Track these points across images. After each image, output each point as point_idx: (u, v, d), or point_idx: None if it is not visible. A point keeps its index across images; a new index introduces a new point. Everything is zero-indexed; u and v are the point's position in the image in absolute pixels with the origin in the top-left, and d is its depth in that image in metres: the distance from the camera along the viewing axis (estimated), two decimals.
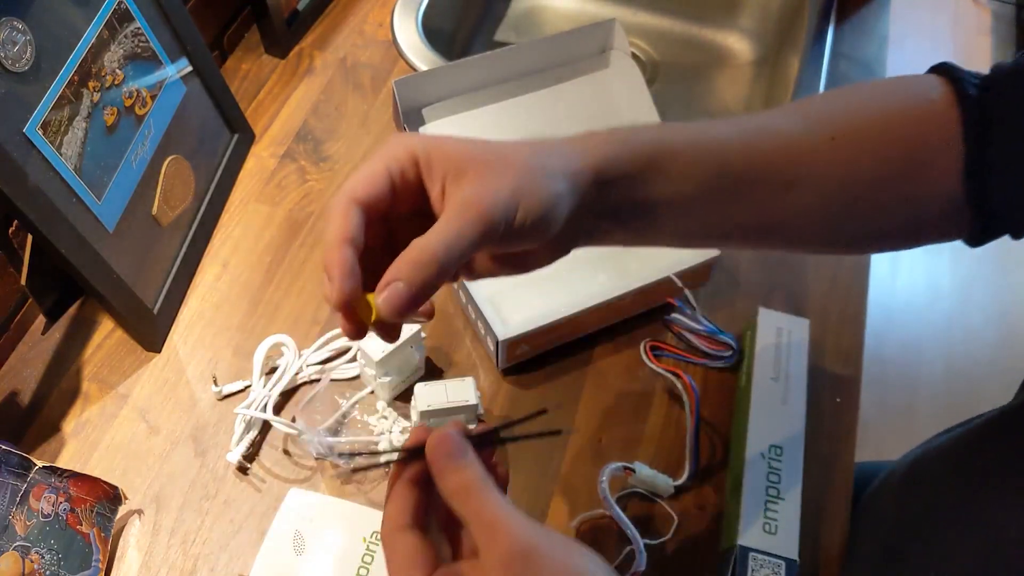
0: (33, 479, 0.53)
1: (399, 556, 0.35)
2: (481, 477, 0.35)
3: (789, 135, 0.43)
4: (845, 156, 0.43)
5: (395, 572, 0.35)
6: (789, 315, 0.67)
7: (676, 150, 0.41)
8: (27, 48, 0.56)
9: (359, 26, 0.94)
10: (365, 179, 0.37)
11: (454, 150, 0.37)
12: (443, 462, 0.35)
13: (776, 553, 0.55)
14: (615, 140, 0.41)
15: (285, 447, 0.64)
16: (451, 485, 0.35)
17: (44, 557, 0.53)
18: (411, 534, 0.35)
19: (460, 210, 0.36)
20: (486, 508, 0.33)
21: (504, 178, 0.36)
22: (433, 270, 0.35)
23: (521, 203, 0.36)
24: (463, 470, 0.35)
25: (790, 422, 0.61)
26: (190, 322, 0.71)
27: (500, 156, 0.37)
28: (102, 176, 0.63)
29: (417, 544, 0.35)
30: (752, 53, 1.11)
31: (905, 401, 1.70)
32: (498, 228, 0.36)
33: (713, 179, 0.42)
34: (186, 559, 0.59)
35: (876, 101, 0.45)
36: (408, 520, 0.36)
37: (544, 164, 0.38)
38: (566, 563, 0.32)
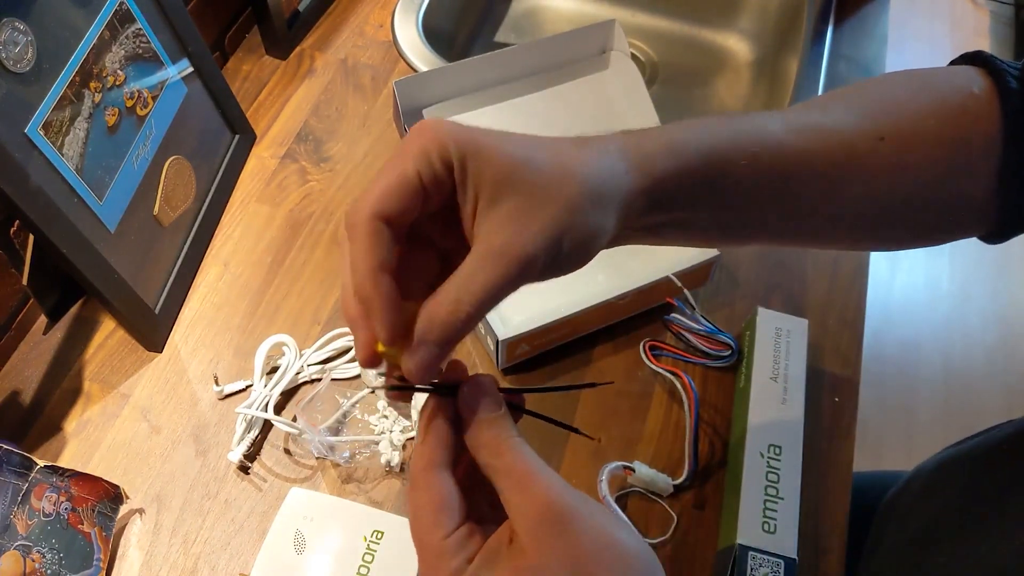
0: (35, 478, 0.53)
1: (430, 497, 0.32)
2: (514, 431, 0.32)
3: (842, 135, 0.40)
4: (894, 158, 0.41)
5: (423, 515, 0.32)
6: (788, 315, 0.67)
7: (731, 163, 0.38)
8: (28, 49, 0.56)
9: (360, 27, 0.94)
10: (392, 188, 0.32)
11: (494, 160, 0.32)
12: (477, 409, 0.32)
13: (775, 552, 0.55)
14: (669, 152, 0.36)
15: (286, 446, 0.64)
16: (484, 436, 0.32)
17: (45, 556, 0.53)
18: (445, 475, 0.32)
19: (496, 256, 0.32)
20: (520, 462, 0.31)
21: (548, 212, 0.32)
22: (465, 327, 0.32)
23: (564, 240, 0.33)
24: (497, 421, 0.32)
25: (789, 422, 0.61)
26: (191, 322, 0.71)
27: (545, 181, 0.33)
28: (103, 176, 0.64)
29: (450, 488, 0.32)
30: (751, 54, 1.11)
31: (904, 401, 1.70)
32: (535, 271, 0.33)
33: (765, 186, 0.39)
34: (187, 558, 0.59)
35: (922, 97, 0.42)
36: (443, 458, 0.33)
37: (596, 191, 0.34)
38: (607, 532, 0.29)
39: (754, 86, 1.08)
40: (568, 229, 0.33)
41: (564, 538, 0.29)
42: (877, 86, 0.43)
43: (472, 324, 0.32)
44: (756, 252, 0.77)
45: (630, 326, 0.70)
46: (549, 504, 0.29)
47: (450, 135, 0.32)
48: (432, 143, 0.32)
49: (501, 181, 0.32)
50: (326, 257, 0.75)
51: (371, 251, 0.31)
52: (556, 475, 0.31)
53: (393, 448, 0.62)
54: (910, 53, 2.25)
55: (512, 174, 0.32)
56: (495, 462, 0.31)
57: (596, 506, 0.30)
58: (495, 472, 0.32)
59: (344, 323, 0.69)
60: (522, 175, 0.32)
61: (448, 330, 0.31)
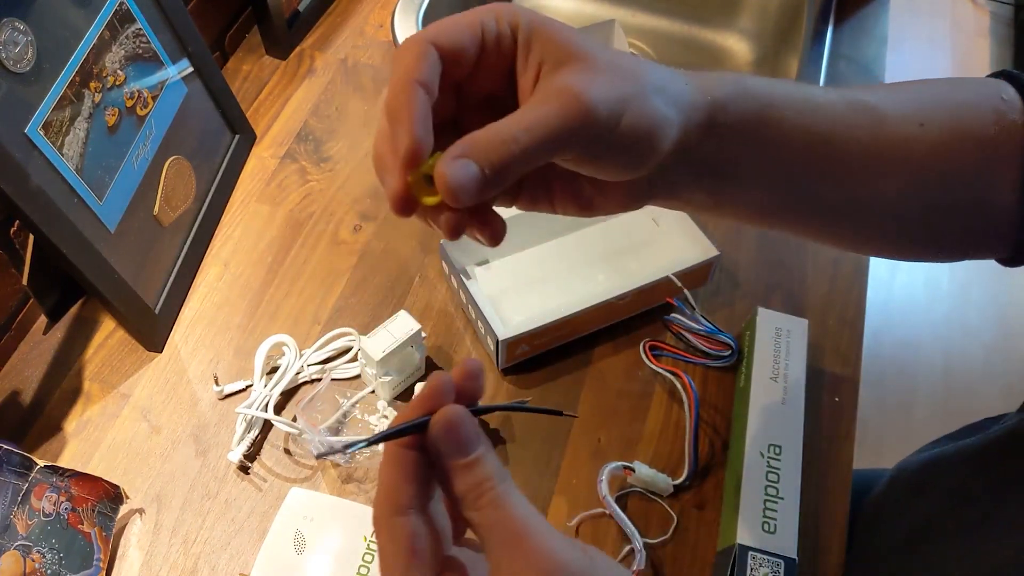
0: (35, 478, 0.53)
1: (395, 549, 0.28)
2: (499, 475, 0.28)
3: (885, 114, 0.40)
4: (932, 146, 0.40)
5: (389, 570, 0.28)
6: (788, 315, 0.67)
7: (783, 113, 0.37)
8: (28, 49, 0.56)
9: (360, 27, 0.94)
10: (452, 25, 0.31)
11: (561, 35, 0.31)
12: (453, 454, 0.28)
13: (775, 552, 0.55)
14: (731, 84, 0.36)
15: (286, 446, 0.64)
16: (461, 486, 0.28)
17: (45, 556, 0.53)
18: (411, 519, 0.28)
19: (556, 93, 0.30)
20: (507, 518, 0.27)
21: (614, 77, 0.31)
22: (513, 152, 0.28)
23: (628, 110, 0.31)
24: (476, 467, 0.28)
25: (789, 421, 0.61)
26: (191, 322, 0.71)
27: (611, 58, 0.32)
28: (103, 176, 0.64)
29: (419, 533, 0.28)
30: (751, 54, 1.11)
31: (903, 400, 1.70)
32: (596, 126, 0.30)
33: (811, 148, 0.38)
34: (187, 558, 0.59)
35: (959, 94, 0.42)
36: (408, 499, 0.29)
37: (660, 84, 0.33)
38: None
39: None
40: (633, 97, 0.31)
41: None
42: (916, 82, 0.43)
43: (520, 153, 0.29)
44: (756, 252, 0.77)
45: (630, 326, 0.70)
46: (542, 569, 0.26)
47: (522, 9, 0.32)
48: (501, 7, 0.32)
49: (570, 50, 0.31)
50: (326, 257, 0.75)
51: (414, 67, 0.30)
52: (549, 528, 0.27)
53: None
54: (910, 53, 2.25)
55: (580, 47, 0.31)
56: (477, 514, 0.28)
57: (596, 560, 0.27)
58: (479, 528, 0.28)
59: (344, 323, 0.69)
60: (590, 49, 0.31)
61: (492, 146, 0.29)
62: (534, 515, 0.27)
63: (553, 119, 0.29)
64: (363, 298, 0.72)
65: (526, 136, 0.29)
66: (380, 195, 0.79)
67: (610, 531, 0.60)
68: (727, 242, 0.76)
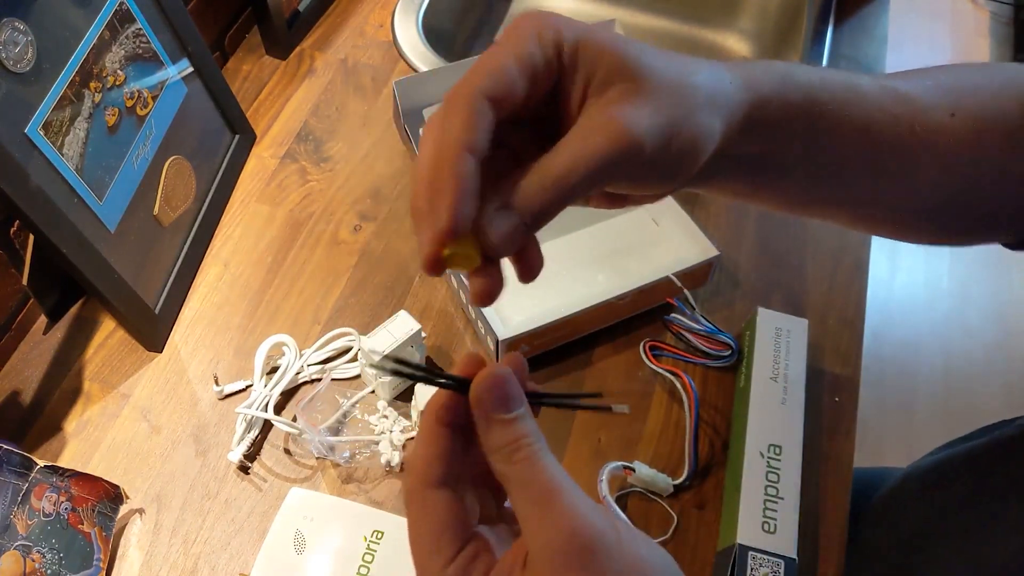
0: (35, 478, 0.53)
1: (428, 520, 0.28)
2: (535, 435, 0.28)
3: (920, 105, 0.39)
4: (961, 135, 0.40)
5: (421, 539, 0.29)
6: (788, 315, 0.67)
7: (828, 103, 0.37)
8: (28, 49, 0.56)
9: (360, 27, 0.94)
10: (500, 69, 0.28)
11: (608, 48, 0.30)
12: (491, 409, 0.28)
13: (775, 552, 0.55)
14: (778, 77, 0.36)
15: (286, 446, 0.64)
16: (498, 440, 0.28)
17: (45, 556, 0.53)
18: (443, 493, 0.29)
19: (603, 127, 0.29)
20: (542, 476, 0.27)
21: (661, 100, 0.30)
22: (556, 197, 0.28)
23: (675, 135, 0.30)
24: (515, 423, 0.28)
25: (789, 421, 0.61)
26: (191, 322, 0.71)
27: (660, 74, 0.31)
28: (103, 176, 0.64)
29: (449, 507, 0.28)
30: (751, 54, 1.11)
31: (903, 400, 1.70)
32: (643, 158, 0.29)
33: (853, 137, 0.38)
34: (187, 558, 0.59)
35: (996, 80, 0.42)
36: (441, 474, 0.29)
37: (709, 95, 0.32)
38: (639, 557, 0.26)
39: None
40: (681, 119, 0.31)
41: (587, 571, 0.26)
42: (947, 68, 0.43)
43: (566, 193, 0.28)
44: (756, 252, 0.77)
45: (630, 326, 0.70)
46: (574, 532, 0.26)
47: (563, 20, 0.30)
48: (545, 27, 0.29)
49: (616, 68, 0.30)
50: (326, 257, 0.75)
51: (466, 128, 0.28)
52: (582, 493, 0.27)
53: (393, 448, 0.62)
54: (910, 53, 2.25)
55: (627, 63, 0.30)
56: (510, 472, 0.28)
57: (624, 532, 0.27)
58: (511, 483, 0.28)
59: (344, 323, 0.69)
60: (637, 65, 0.30)
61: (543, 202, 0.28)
62: (567, 478, 0.27)
63: (599, 156, 0.29)
64: (363, 298, 0.72)
65: (571, 177, 0.28)
66: (380, 195, 0.80)
67: None
68: (727, 242, 0.76)
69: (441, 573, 0.28)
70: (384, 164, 0.82)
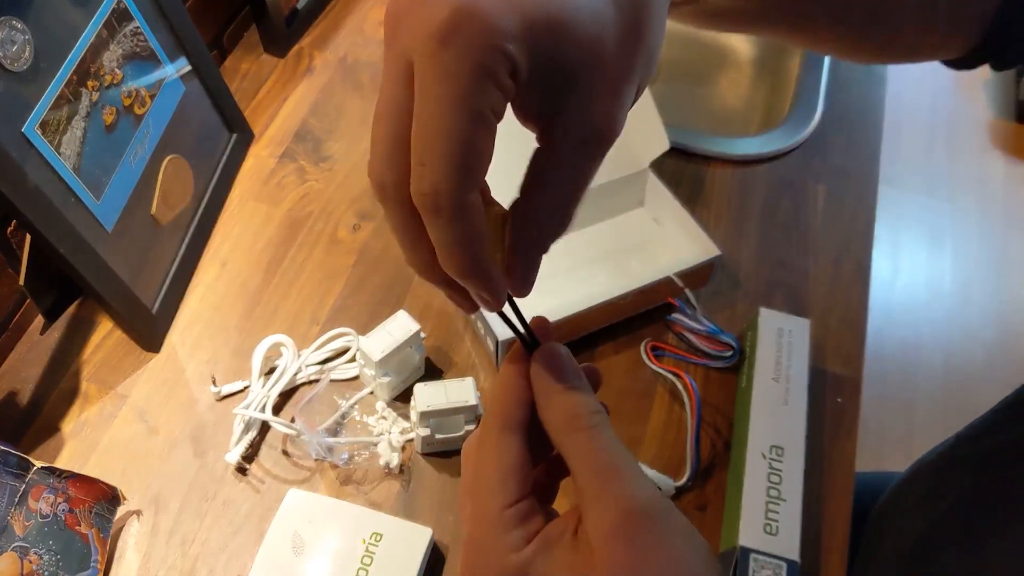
0: (32, 480, 0.53)
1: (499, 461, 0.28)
2: (598, 408, 0.29)
3: None
4: None
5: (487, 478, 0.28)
6: (790, 315, 0.67)
7: None
8: (26, 47, 0.56)
9: (359, 25, 0.94)
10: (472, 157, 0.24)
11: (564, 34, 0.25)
12: (552, 381, 0.29)
13: (777, 554, 0.54)
14: None
15: (284, 448, 0.64)
16: (560, 413, 0.28)
17: (43, 558, 0.53)
18: (519, 440, 0.29)
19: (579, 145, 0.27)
20: (602, 450, 0.27)
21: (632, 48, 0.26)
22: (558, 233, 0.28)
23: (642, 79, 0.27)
24: (577, 395, 0.29)
25: (791, 422, 0.61)
26: (189, 322, 0.70)
27: None
28: (101, 176, 0.63)
29: (523, 455, 0.29)
30: (752, 53, 1.10)
31: (905, 400, 1.70)
32: None
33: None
34: (185, 560, 0.58)
35: None
36: (520, 421, 0.29)
37: None
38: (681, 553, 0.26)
39: (755, 85, 1.08)
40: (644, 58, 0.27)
41: (637, 551, 0.26)
42: None
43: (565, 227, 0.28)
44: (757, 252, 0.76)
45: (631, 326, 0.70)
46: (630, 510, 0.26)
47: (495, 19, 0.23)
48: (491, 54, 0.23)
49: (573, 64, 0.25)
50: (325, 257, 0.75)
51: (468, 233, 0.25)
52: (640, 470, 0.27)
53: (392, 450, 0.62)
54: None
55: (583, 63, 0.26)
56: (571, 443, 0.28)
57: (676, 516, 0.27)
58: (571, 454, 0.28)
59: (342, 323, 0.69)
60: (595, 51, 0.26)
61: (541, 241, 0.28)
62: (627, 454, 0.27)
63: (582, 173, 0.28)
64: (362, 298, 0.72)
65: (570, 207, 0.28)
66: None
67: None
68: (729, 242, 0.75)
69: (500, 514, 0.28)
70: None
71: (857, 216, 0.80)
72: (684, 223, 0.72)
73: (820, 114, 0.87)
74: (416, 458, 0.63)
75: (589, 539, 0.26)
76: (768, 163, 0.84)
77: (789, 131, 0.86)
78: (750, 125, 1.03)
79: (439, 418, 0.60)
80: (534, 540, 0.28)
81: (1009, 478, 0.51)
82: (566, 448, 0.28)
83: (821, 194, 0.81)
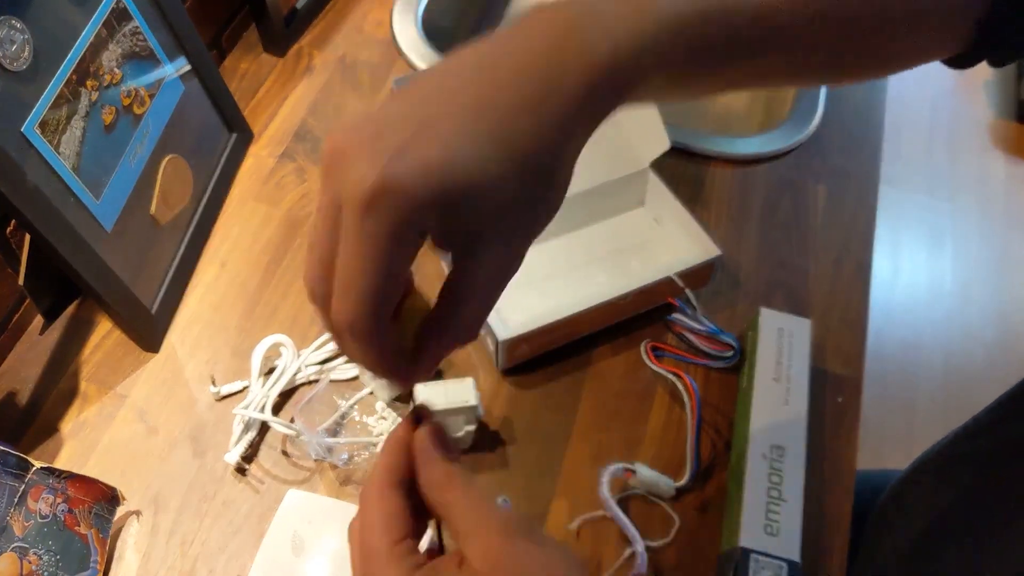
0: (31, 480, 0.53)
1: (383, 508, 0.33)
2: (464, 472, 0.34)
3: None
4: None
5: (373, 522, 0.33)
6: (790, 315, 0.66)
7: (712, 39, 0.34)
8: (25, 47, 0.56)
9: (358, 24, 0.94)
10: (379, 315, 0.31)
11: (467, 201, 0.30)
12: (429, 451, 0.34)
13: (778, 555, 0.54)
14: None
15: (284, 448, 0.64)
16: (435, 475, 0.34)
17: (42, 558, 0.53)
18: (400, 493, 0.34)
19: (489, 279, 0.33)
20: (469, 497, 0.33)
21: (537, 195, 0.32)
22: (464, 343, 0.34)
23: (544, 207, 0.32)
24: (447, 462, 0.34)
25: (792, 423, 0.61)
26: (188, 322, 0.70)
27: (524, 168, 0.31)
28: (100, 175, 0.63)
29: (403, 504, 0.33)
30: None
31: (905, 399, 1.70)
32: None
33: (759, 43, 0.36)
34: (184, 560, 0.58)
35: None
36: (401, 479, 0.34)
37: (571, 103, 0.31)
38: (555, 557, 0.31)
39: None
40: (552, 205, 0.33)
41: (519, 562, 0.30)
42: None
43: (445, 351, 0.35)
44: (758, 252, 0.76)
45: (631, 327, 0.70)
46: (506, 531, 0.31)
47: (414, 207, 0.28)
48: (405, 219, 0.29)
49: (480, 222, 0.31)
50: None
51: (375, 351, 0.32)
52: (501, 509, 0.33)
53: None
54: None
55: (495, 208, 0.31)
56: (444, 498, 0.33)
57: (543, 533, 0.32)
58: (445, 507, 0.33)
59: None
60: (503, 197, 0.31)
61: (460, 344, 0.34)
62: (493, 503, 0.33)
63: None
64: None
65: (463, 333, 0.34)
66: None
67: (611, 533, 0.60)
68: (729, 241, 0.75)
69: (389, 549, 0.32)
70: None
71: (857, 216, 0.80)
72: (684, 223, 0.71)
73: (821, 114, 0.87)
74: None
75: (473, 567, 0.31)
76: (769, 163, 0.84)
77: (790, 131, 0.86)
78: (751, 125, 1.03)
79: (438, 418, 0.60)
80: (422, 569, 0.31)
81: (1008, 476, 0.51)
82: (441, 503, 0.33)
83: (822, 194, 0.81)
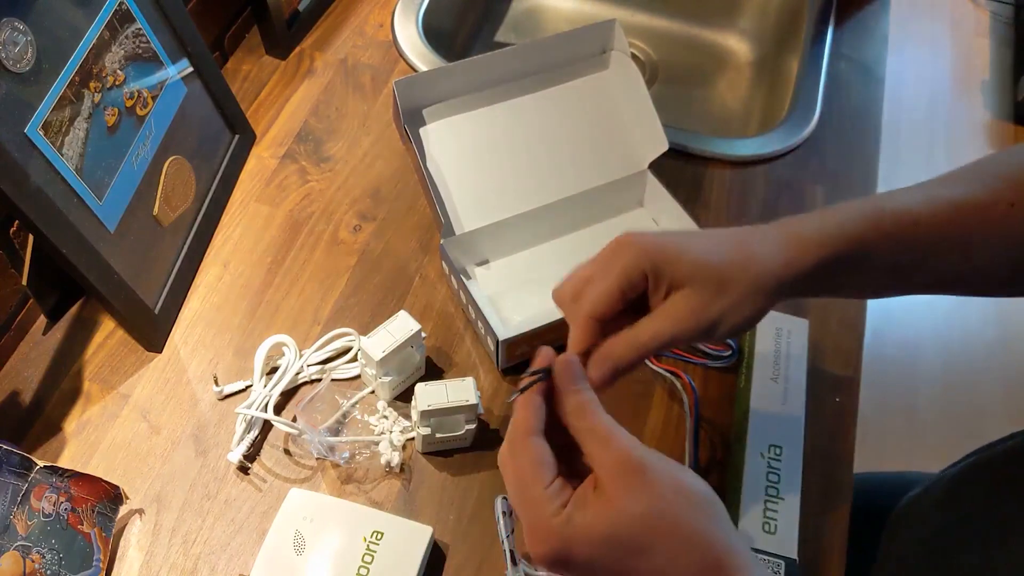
0: (34, 479, 0.53)
1: (530, 457, 0.38)
2: (595, 400, 0.40)
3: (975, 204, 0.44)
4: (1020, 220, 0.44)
5: (525, 471, 0.38)
6: (789, 315, 0.67)
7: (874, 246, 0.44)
8: (28, 49, 0.56)
9: (360, 27, 0.94)
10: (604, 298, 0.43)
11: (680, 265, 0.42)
12: (566, 383, 0.40)
13: (775, 553, 0.55)
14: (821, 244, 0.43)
15: (286, 447, 0.64)
16: (571, 404, 0.39)
17: (45, 557, 0.53)
18: (540, 439, 0.39)
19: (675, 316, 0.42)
20: (601, 425, 0.38)
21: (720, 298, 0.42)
22: (640, 355, 0.42)
23: (725, 320, 0.42)
24: (582, 392, 0.40)
25: (789, 422, 0.61)
26: (191, 322, 0.71)
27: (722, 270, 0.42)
28: (103, 177, 0.64)
29: (546, 448, 0.38)
30: (751, 54, 1.11)
31: (904, 400, 1.70)
32: (699, 336, 0.43)
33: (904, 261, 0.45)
34: (187, 559, 0.59)
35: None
36: (537, 426, 0.39)
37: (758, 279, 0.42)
38: (676, 478, 0.36)
39: (754, 86, 1.08)
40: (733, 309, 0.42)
41: (640, 483, 0.36)
42: (1008, 155, 0.47)
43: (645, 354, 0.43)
44: None
45: None
46: (627, 457, 0.37)
47: (645, 252, 0.42)
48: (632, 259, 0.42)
49: (688, 273, 0.42)
50: (326, 257, 0.75)
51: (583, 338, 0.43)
52: (630, 434, 0.38)
53: (393, 449, 0.62)
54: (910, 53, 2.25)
55: (696, 269, 0.42)
56: (581, 424, 0.39)
57: (665, 458, 0.37)
58: (581, 433, 0.39)
59: (344, 323, 0.69)
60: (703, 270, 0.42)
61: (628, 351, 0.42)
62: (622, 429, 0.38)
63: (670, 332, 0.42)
64: (363, 298, 0.72)
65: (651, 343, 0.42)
66: (380, 195, 0.79)
67: None
68: None
69: (542, 494, 0.37)
70: (384, 164, 0.82)
71: None
72: (683, 223, 0.72)
73: (818, 115, 0.88)
74: (417, 457, 0.64)
75: (604, 488, 0.37)
76: (767, 164, 0.84)
77: (788, 132, 0.86)
78: (749, 126, 1.03)
79: (440, 417, 0.61)
80: (569, 503, 0.37)
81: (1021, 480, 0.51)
82: (577, 430, 0.39)
83: (819, 195, 0.82)
